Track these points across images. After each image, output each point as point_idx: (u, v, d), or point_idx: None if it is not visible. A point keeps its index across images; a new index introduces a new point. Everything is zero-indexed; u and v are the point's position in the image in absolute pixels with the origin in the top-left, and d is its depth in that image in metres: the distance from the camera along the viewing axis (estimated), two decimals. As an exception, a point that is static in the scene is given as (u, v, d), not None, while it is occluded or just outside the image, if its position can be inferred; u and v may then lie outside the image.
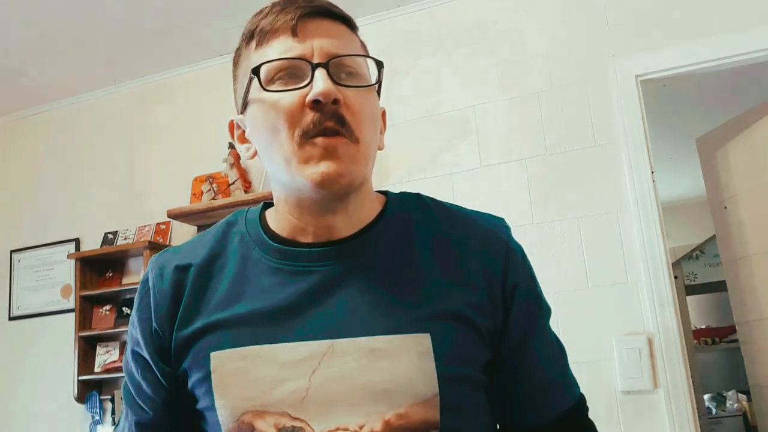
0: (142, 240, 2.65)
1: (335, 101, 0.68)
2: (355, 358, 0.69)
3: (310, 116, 0.68)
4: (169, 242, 2.68)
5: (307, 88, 0.69)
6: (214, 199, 2.53)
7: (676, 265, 4.82)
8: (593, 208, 2.13)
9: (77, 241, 2.88)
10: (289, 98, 0.69)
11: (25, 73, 2.79)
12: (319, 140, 0.68)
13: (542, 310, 0.81)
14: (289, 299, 0.72)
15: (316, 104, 0.68)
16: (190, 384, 0.74)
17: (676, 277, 2.24)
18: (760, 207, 2.45)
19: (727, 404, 5.27)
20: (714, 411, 5.22)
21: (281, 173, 0.73)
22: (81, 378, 2.61)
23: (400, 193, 0.83)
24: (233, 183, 2.54)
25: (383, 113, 0.82)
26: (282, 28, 0.71)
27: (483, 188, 2.27)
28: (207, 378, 0.72)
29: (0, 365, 2.90)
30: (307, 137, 0.69)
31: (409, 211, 0.79)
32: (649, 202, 2.06)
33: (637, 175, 2.08)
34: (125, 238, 2.73)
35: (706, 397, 5.20)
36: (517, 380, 0.78)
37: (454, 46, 2.41)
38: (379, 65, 0.74)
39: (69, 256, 2.77)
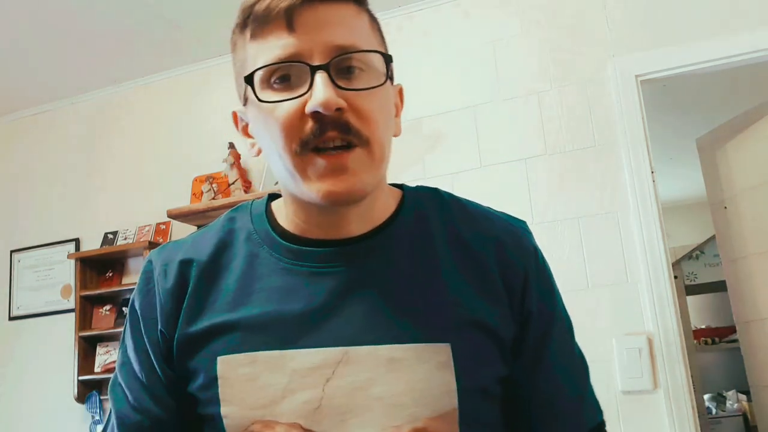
0: (142, 240, 2.65)
1: (338, 109, 0.62)
2: (371, 368, 0.65)
3: (309, 125, 0.62)
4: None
5: (307, 95, 0.62)
6: (214, 199, 2.53)
7: (676, 265, 4.82)
8: (593, 208, 2.13)
9: (77, 241, 2.88)
10: (286, 107, 0.63)
11: (26, 73, 2.78)
12: (320, 161, 0.63)
13: (556, 320, 0.75)
14: (302, 303, 0.67)
15: (316, 114, 0.62)
16: (191, 387, 0.69)
17: (676, 277, 2.24)
18: (760, 207, 2.45)
19: (727, 404, 5.27)
20: (714, 411, 5.22)
21: (285, 181, 0.68)
22: (81, 378, 2.61)
23: (417, 187, 0.78)
24: (233, 183, 2.54)
25: (400, 91, 0.77)
26: (277, 18, 0.64)
27: (483, 188, 2.26)
28: (213, 383, 0.67)
29: (0, 365, 2.90)
30: (306, 148, 0.63)
31: (426, 209, 0.74)
32: (649, 202, 2.06)
33: (637, 175, 2.08)
34: (125, 238, 2.73)
35: (706, 397, 5.20)
36: (530, 394, 0.74)
37: (455, 45, 2.41)
38: (387, 60, 0.67)
39: (69, 256, 2.77)
